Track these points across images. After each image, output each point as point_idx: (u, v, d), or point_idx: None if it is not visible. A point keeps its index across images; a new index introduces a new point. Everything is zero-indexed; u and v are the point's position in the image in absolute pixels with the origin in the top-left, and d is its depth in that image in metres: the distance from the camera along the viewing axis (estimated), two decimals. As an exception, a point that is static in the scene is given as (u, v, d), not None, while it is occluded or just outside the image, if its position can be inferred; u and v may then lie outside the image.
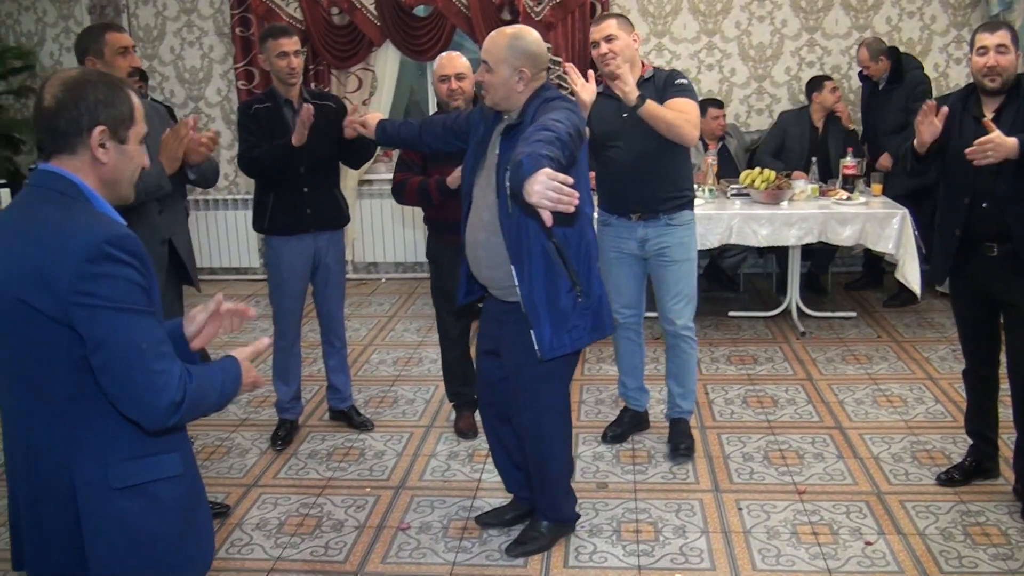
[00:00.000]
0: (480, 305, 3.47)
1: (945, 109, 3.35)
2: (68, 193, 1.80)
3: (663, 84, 3.83)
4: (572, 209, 2.32)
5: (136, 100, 1.89)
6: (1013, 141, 3.10)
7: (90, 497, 1.80)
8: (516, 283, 2.99)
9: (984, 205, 3.33)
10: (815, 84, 6.30)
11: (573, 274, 3.01)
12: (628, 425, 4.32)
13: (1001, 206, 3.29)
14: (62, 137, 1.81)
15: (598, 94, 3.73)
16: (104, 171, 1.84)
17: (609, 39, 3.75)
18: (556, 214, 2.36)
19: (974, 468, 3.74)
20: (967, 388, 3.74)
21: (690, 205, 4.00)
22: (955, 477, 3.74)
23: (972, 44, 3.37)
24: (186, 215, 4.01)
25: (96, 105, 1.80)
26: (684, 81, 3.85)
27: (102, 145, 1.82)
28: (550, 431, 3.26)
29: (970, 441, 3.77)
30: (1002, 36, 3.26)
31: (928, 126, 3.36)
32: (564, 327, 3.03)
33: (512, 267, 2.99)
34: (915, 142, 3.44)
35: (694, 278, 4.06)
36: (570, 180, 2.33)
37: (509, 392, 3.29)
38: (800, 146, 6.24)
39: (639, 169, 3.86)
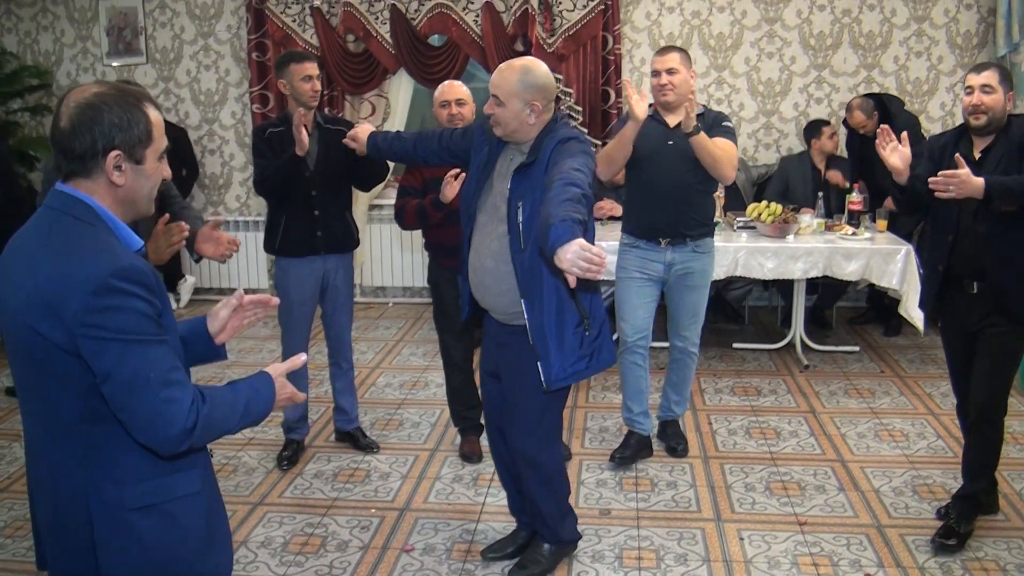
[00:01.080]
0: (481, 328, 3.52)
1: (905, 134, 3.46)
2: (83, 218, 1.79)
3: (712, 122, 4.10)
4: (600, 275, 2.40)
5: (155, 115, 1.87)
6: (979, 181, 3.17)
7: (106, 518, 1.81)
8: (525, 315, 3.04)
9: (965, 243, 3.43)
10: (813, 130, 6.39)
11: (583, 310, 3.05)
12: (635, 448, 4.37)
13: (979, 246, 3.39)
14: (77, 160, 1.80)
15: (650, 118, 4.03)
16: (120, 192, 1.84)
17: (671, 71, 4.02)
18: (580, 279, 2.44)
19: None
20: (962, 424, 3.78)
21: (712, 233, 4.30)
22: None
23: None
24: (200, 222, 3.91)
25: (111, 129, 1.79)
26: (730, 124, 4.15)
27: (117, 168, 1.81)
28: (545, 457, 3.29)
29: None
30: (988, 76, 3.34)
31: (892, 152, 3.43)
32: (570, 359, 3.07)
33: (522, 300, 3.03)
34: (893, 176, 3.50)
35: (707, 300, 4.37)
36: (603, 253, 2.41)
37: (507, 418, 3.31)
38: (803, 188, 6.29)
39: (674, 195, 4.09)
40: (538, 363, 3.06)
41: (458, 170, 3.81)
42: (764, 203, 5.76)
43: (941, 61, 6.84)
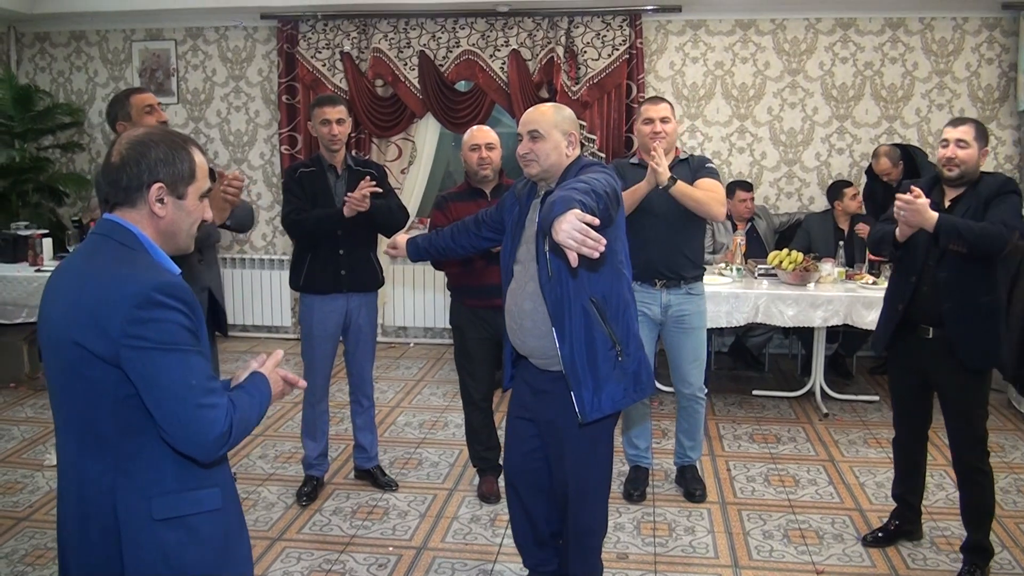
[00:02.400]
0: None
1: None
2: (126, 243, 1.92)
3: (697, 166, 4.25)
4: (595, 255, 2.38)
5: (199, 159, 2.01)
6: (933, 215, 3.34)
7: (133, 526, 1.89)
8: (556, 345, 3.01)
9: (926, 288, 3.56)
10: (835, 192, 6.44)
11: (612, 332, 3.01)
12: (644, 483, 4.53)
13: (939, 293, 3.52)
14: (124, 192, 1.93)
15: (634, 165, 4.25)
16: (161, 224, 1.96)
17: (665, 120, 4.18)
18: (582, 259, 2.43)
19: (897, 530, 3.99)
20: (895, 455, 3.99)
21: (702, 277, 4.43)
22: (879, 537, 3.99)
23: None
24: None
25: (156, 163, 1.92)
26: (713, 165, 4.32)
27: (160, 200, 1.94)
28: (594, 498, 3.24)
29: (895, 504, 4.01)
30: (964, 132, 3.51)
31: (914, 215, 3.46)
32: (604, 388, 3.02)
33: (553, 329, 3.01)
34: (896, 230, 3.57)
35: (705, 342, 4.48)
36: (596, 222, 2.42)
37: (551, 464, 3.25)
38: (826, 247, 6.32)
39: (667, 239, 4.20)
40: (571, 395, 3.02)
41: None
42: (785, 251, 5.80)
43: (963, 113, 6.88)
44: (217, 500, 1.99)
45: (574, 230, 2.37)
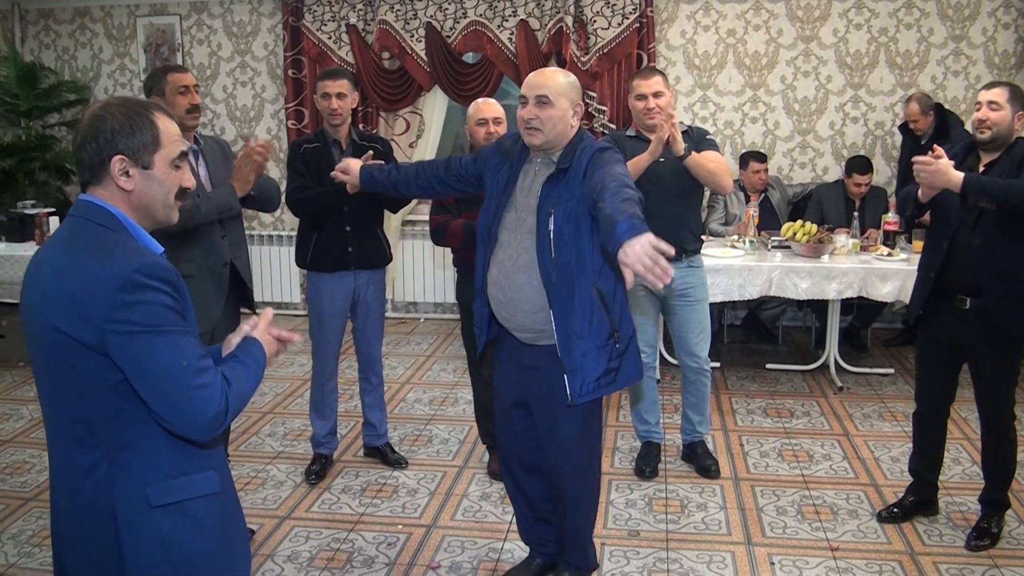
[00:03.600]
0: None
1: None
2: (105, 224, 1.85)
3: (698, 138, 4.18)
4: (659, 284, 2.29)
5: (165, 124, 1.90)
6: (957, 175, 3.30)
7: (130, 515, 1.84)
8: (553, 326, 2.96)
9: (959, 255, 3.49)
10: (848, 168, 6.33)
11: (614, 321, 2.98)
12: (656, 457, 4.51)
13: (975, 260, 3.45)
14: (88, 169, 1.87)
15: (632, 138, 4.18)
16: (132, 198, 1.88)
17: (657, 95, 4.09)
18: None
19: (913, 506, 3.95)
20: (915, 429, 3.93)
21: (700, 249, 4.42)
22: (895, 513, 3.94)
23: None
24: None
25: (113, 135, 1.84)
26: (712, 136, 4.31)
27: (125, 173, 1.85)
28: (586, 479, 3.22)
29: (911, 479, 3.98)
30: (996, 94, 3.47)
31: (936, 175, 3.44)
32: (596, 373, 2.98)
33: (551, 310, 2.96)
34: (919, 191, 3.54)
35: (709, 315, 4.46)
36: (671, 252, 2.31)
37: (542, 441, 3.19)
38: (838, 217, 6.22)
39: (669, 212, 4.12)
40: (564, 376, 2.99)
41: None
42: (799, 222, 5.72)
43: (979, 81, 6.75)
44: (215, 483, 1.95)
45: (646, 256, 2.29)
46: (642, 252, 2.30)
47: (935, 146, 3.45)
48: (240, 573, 2.04)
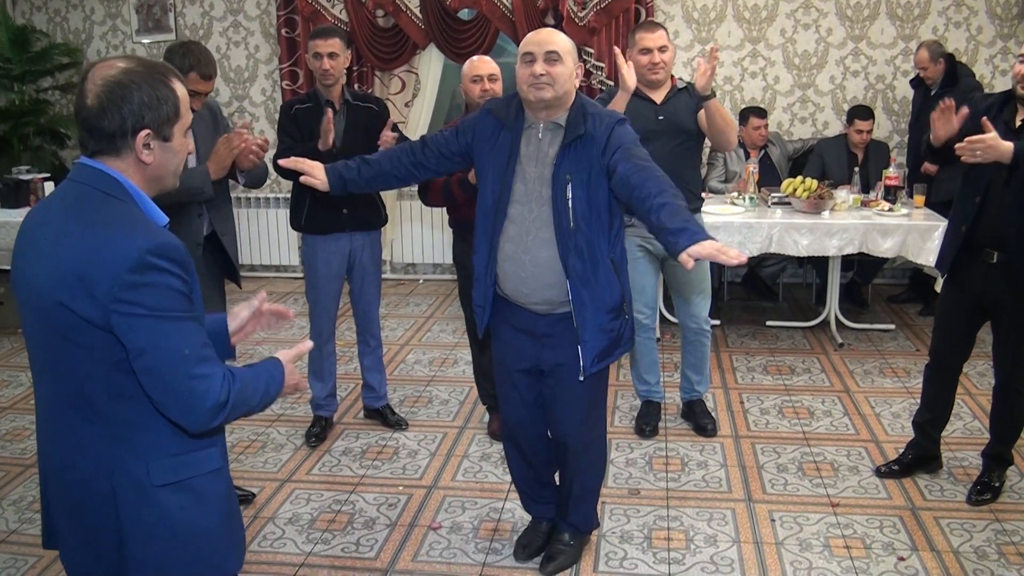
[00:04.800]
0: None
1: (965, 110, 3.41)
2: (113, 193, 1.77)
3: (697, 95, 4.01)
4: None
5: (181, 90, 1.84)
6: (1008, 146, 3.22)
7: (131, 495, 1.80)
8: (570, 297, 2.92)
9: (991, 209, 3.43)
10: (850, 117, 6.29)
11: (624, 289, 2.99)
12: (656, 416, 4.51)
13: (1005, 215, 3.39)
14: (106, 139, 1.77)
15: (632, 95, 3.94)
16: (148, 170, 1.82)
17: (663, 49, 4.01)
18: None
19: (912, 462, 3.95)
20: (925, 382, 3.89)
21: (701, 207, 4.38)
22: (895, 470, 3.94)
23: None
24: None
25: (140, 108, 1.76)
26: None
27: (147, 146, 1.78)
28: (598, 443, 3.25)
29: (912, 435, 3.99)
30: None
31: (944, 123, 3.43)
32: (604, 341, 2.98)
33: (567, 282, 2.91)
34: (931, 136, 3.52)
35: (710, 274, 4.45)
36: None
37: (553, 405, 3.16)
38: (840, 172, 6.17)
39: (668, 170, 3.93)
40: (578, 347, 2.97)
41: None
42: (800, 179, 5.67)
43: (980, 32, 6.67)
44: (217, 459, 1.90)
45: (714, 250, 2.40)
46: (711, 252, 2.40)
47: (984, 119, 3.29)
48: (241, 545, 2.03)
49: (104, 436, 1.79)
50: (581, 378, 3.00)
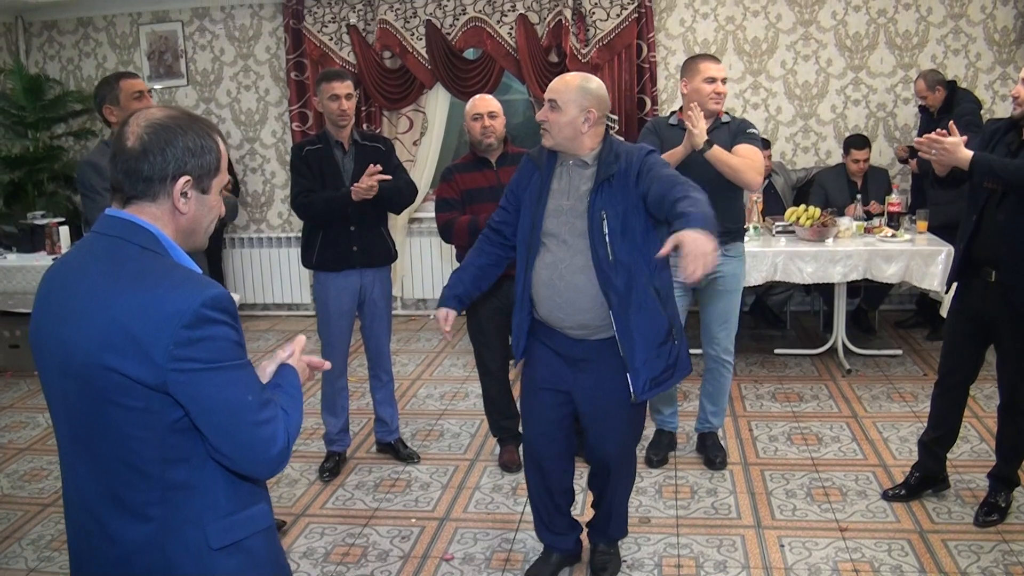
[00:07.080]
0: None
1: (958, 138, 3.46)
2: (148, 246, 1.70)
3: (736, 130, 4.14)
4: (691, 277, 2.47)
5: (223, 147, 1.80)
6: (968, 154, 3.33)
7: (188, 561, 1.72)
8: (615, 327, 3.02)
9: (987, 228, 3.50)
10: (846, 147, 6.37)
11: (670, 318, 3.07)
12: (667, 447, 4.52)
13: (998, 234, 3.46)
14: (144, 183, 1.70)
15: (674, 126, 4.16)
16: (183, 221, 1.76)
17: (724, 80, 4.11)
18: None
19: (919, 483, 3.97)
20: (933, 403, 3.91)
21: (742, 237, 4.34)
22: (902, 494, 3.96)
23: None
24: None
25: (184, 153, 1.71)
26: (755, 131, 4.17)
27: (184, 195, 1.73)
28: (630, 459, 3.37)
29: (918, 456, 3.99)
30: None
31: (944, 154, 3.45)
32: (657, 369, 3.06)
33: (611, 312, 3.01)
34: (936, 167, 3.59)
35: (739, 307, 4.38)
36: (693, 278, 2.47)
37: (598, 433, 3.24)
38: (842, 200, 6.24)
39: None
40: (627, 375, 3.06)
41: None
42: (803, 207, 5.73)
43: (979, 58, 6.75)
44: (268, 516, 1.85)
45: (708, 262, 2.47)
46: (704, 246, 2.47)
47: (951, 123, 3.47)
48: None
49: (156, 503, 1.70)
50: (633, 401, 3.09)
